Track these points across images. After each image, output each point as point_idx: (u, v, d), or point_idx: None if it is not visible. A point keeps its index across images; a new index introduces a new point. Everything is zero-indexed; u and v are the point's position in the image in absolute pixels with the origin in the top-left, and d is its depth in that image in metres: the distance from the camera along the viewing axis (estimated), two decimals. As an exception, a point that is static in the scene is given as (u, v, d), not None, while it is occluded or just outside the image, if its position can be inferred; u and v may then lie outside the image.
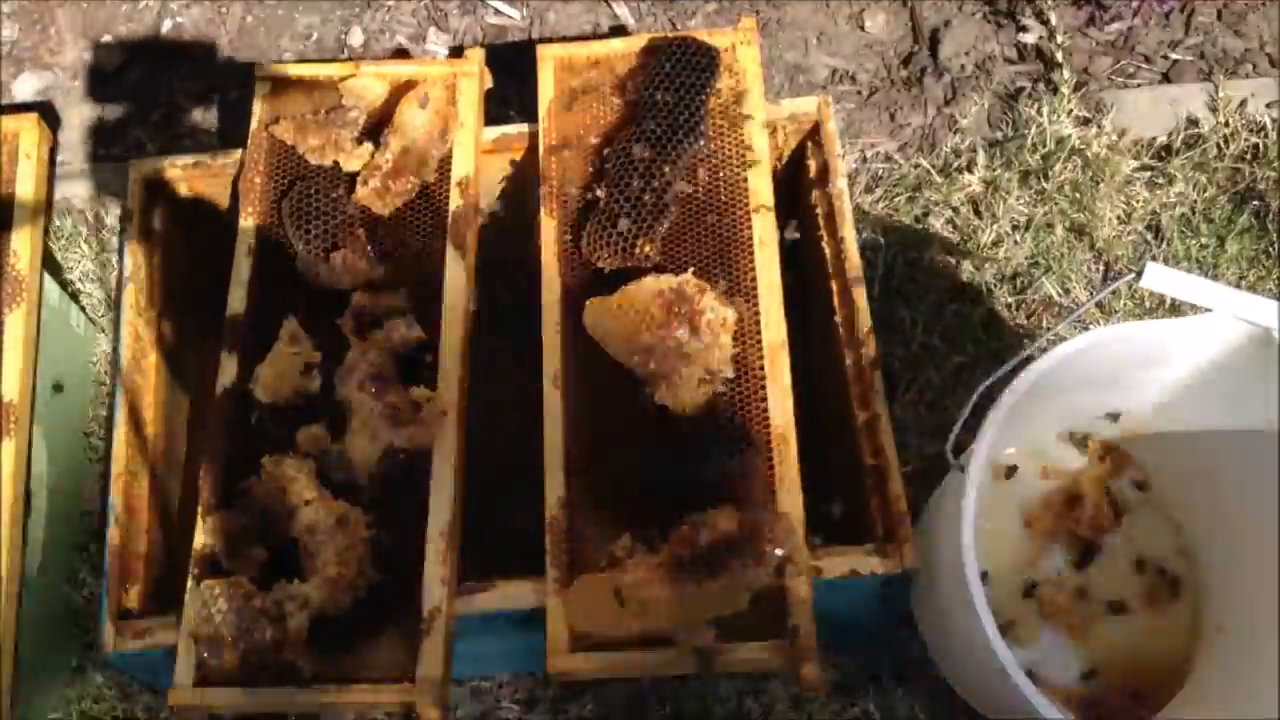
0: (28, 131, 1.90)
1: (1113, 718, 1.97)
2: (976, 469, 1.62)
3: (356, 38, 2.65)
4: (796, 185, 2.12)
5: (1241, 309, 1.64)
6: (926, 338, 2.28)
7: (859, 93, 2.55)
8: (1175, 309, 2.25)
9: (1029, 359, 1.66)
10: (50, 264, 2.34)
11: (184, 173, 1.99)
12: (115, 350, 1.90)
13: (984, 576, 1.59)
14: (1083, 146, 2.42)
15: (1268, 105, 2.47)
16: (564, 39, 1.96)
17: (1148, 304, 2.28)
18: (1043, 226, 2.37)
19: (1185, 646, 2.00)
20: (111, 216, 2.42)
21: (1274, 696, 1.76)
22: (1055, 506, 2.08)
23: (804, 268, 2.24)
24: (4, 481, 1.72)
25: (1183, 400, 1.92)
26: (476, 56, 1.90)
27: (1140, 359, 1.80)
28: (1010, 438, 2.09)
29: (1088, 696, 1.98)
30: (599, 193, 1.78)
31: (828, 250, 1.92)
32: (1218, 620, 1.99)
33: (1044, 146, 2.41)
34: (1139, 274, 1.60)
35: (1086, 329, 1.71)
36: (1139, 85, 2.53)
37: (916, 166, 2.42)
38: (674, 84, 1.83)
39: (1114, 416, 2.05)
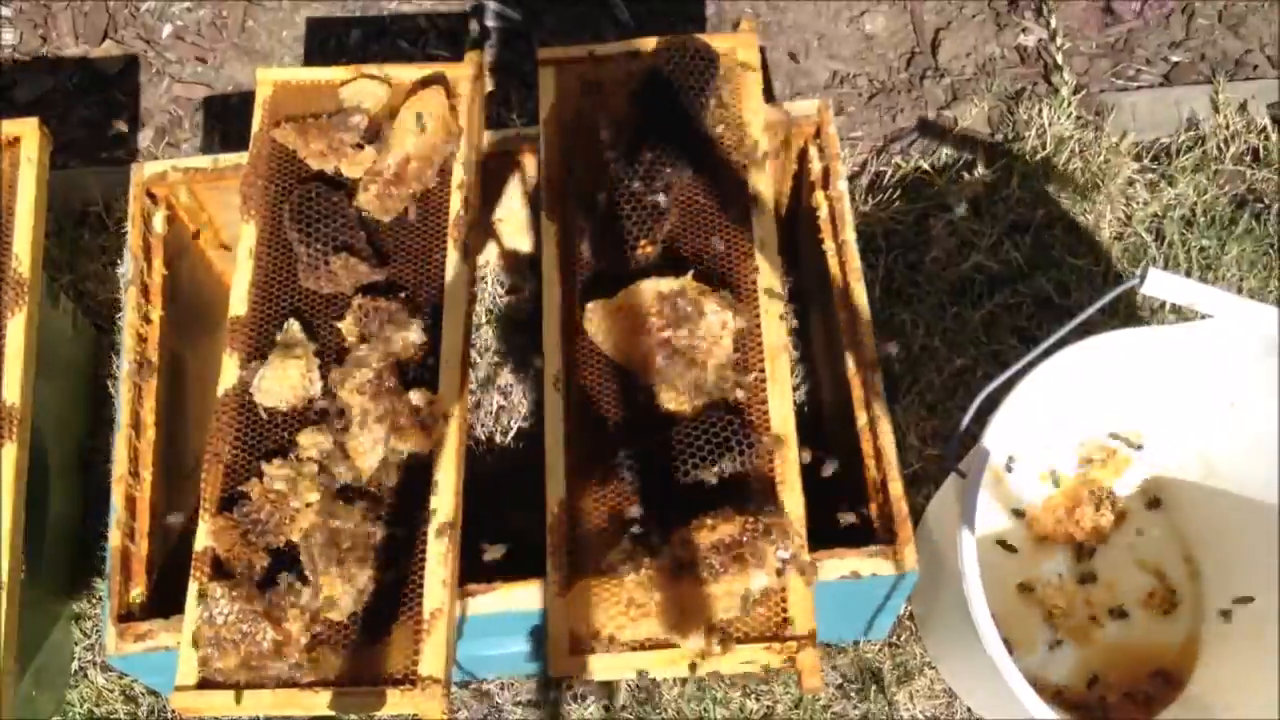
0: (29, 135, 1.90)
1: (1114, 720, 1.97)
2: (978, 474, 1.62)
3: (357, 40, 2.66)
4: (797, 187, 2.12)
5: (1242, 315, 1.64)
6: (927, 340, 2.28)
7: (860, 95, 2.56)
8: (1177, 312, 2.25)
9: (1030, 365, 1.66)
10: (52, 267, 2.34)
11: (185, 176, 1.99)
12: (117, 353, 1.90)
13: (984, 580, 1.59)
14: (1083, 148, 2.42)
15: (1268, 106, 2.48)
16: (564, 42, 1.95)
17: (1150, 308, 2.28)
18: (1043, 228, 2.37)
19: (1186, 649, 2.00)
20: (113, 220, 2.43)
21: (1274, 697, 1.76)
22: (1056, 510, 2.08)
23: (805, 269, 2.25)
24: (6, 484, 1.72)
25: (1184, 404, 1.92)
26: (477, 59, 1.90)
27: (1141, 364, 1.81)
28: (1011, 442, 2.08)
29: (1088, 699, 1.98)
30: (599, 195, 1.78)
31: (829, 252, 1.92)
32: (1218, 623, 1.99)
33: (1044, 149, 2.42)
34: (1141, 279, 1.60)
35: (1088, 333, 1.71)
36: (1139, 87, 2.54)
37: (917, 169, 2.42)
38: (674, 87, 1.83)
39: (1115, 421, 2.05)
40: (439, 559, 1.56)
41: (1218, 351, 1.75)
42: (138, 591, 1.75)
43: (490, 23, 2.64)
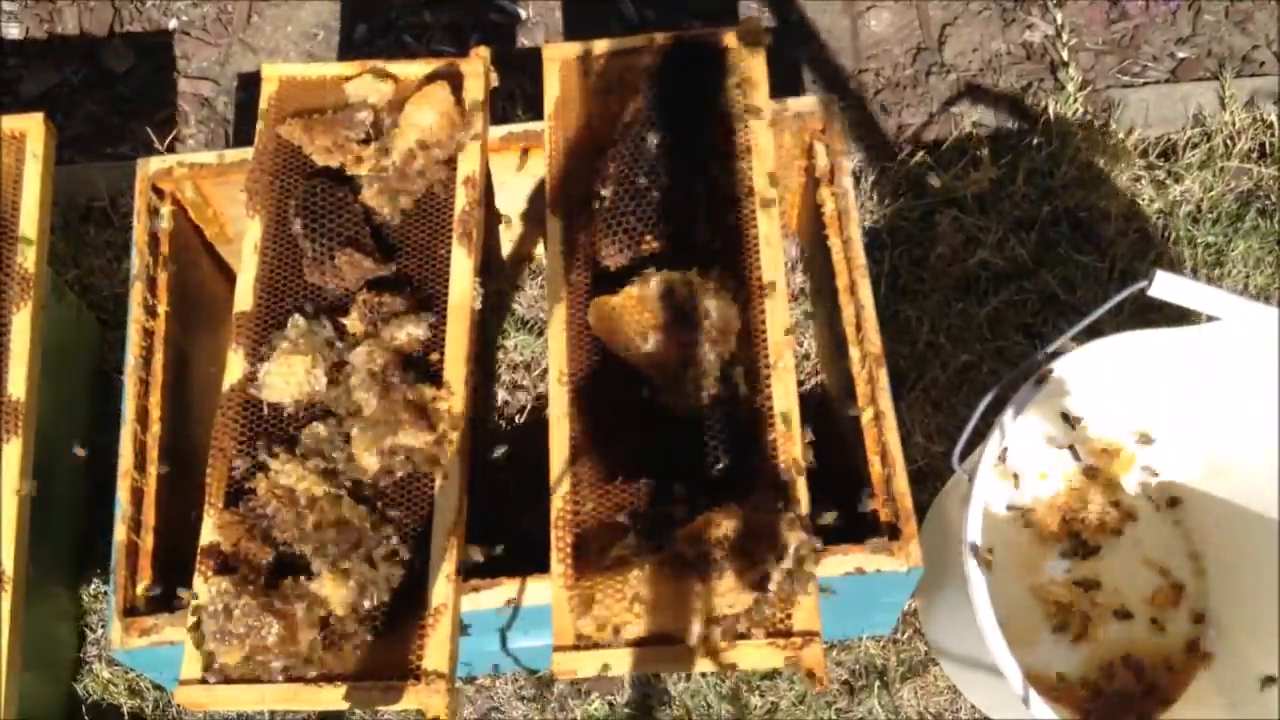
0: (34, 130, 1.90)
1: (1116, 719, 1.97)
2: (982, 473, 1.62)
3: (362, 36, 2.66)
4: (803, 183, 2.12)
5: (1249, 317, 1.64)
6: (932, 336, 2.27)
7: (865, 91, 2.55)
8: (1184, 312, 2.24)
9: (1036, 366, 1.65)
10: (57, 262, 2.35)
11: (191, 171, 1.99)
12: (122, 348, 1.90)
13: (988, 577, 1.59)
14: (1089, 144, 2.41)
15: (1275, 103, 2.47)
16: (570, 38, 1.95)
17: (1157, 305, 2.27)
18: (1049, 224, 2.37)
19: (1190, 648, 2.00)
20: (119, 215, 2.43)
21: (1275, 696, 1.76)
22: (1061, 509, 2.08)
23: (810, 264, 2.24)
24: (10, 478, 1.73)
25: (1189, 405, 1.91)
26: (483, 55, 1.90)
27: (1147, 365, 1.80)
28: (1017, 441, 2.08)
29: (1091, 697, 1.98)
30: (604, 191, 1.78)
31: (834, 248, 1.91)
32: (1222, 622, 1.99)
33: (1050, 144, 2.41)
34: (1149, 282, 1.59)
35: (1095, 333, 1.70)
36: (1146, 83, 2.53)
37: (922, 164, 2.42)
38: (679, 82, 1.83)
39: (1121, 421, 2.05)
40: (443, 554, 1.56)
41: (1224, 353, 1.75)
42: (143, 586, 1.75)
43: (496, 17, 2.64)
